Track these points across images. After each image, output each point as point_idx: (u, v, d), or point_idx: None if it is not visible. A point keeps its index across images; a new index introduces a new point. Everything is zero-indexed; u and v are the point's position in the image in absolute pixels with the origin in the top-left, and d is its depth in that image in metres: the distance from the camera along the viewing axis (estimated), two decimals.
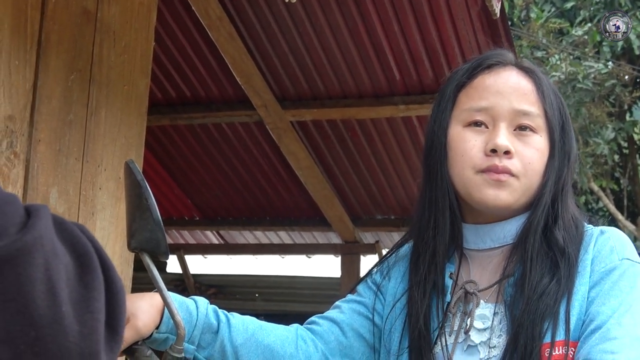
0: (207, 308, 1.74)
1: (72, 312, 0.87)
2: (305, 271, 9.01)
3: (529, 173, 1.72)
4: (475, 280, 1.75)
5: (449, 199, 1.77)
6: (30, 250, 0.85)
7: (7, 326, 0.83)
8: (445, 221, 1.77)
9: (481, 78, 1.79)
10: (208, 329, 1.73)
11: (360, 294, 1.92)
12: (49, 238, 0.88)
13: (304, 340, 1.83)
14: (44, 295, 0.85)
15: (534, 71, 1.80)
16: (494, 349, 1.67)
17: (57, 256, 0.88)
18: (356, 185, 6.91)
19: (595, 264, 1.67)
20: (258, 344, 1.77)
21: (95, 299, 0.90)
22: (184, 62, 5.74)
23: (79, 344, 0.87)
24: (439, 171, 1.78)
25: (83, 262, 0.92)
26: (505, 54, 1.84)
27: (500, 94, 1.75)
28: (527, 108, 1.74)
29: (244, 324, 1.78)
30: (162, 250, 1.47)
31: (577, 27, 13.51)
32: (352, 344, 1.86)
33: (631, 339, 1.55)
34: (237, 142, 6.60)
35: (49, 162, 2.78)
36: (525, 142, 1.73)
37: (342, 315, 1.88)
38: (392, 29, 5.02)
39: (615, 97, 13.51)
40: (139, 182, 1.44)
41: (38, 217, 0.89)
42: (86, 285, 0.90)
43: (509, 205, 1.72)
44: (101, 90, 3.00)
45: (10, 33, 2.65)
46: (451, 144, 1.77)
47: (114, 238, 3.03)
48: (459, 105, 1.80)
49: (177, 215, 7.82)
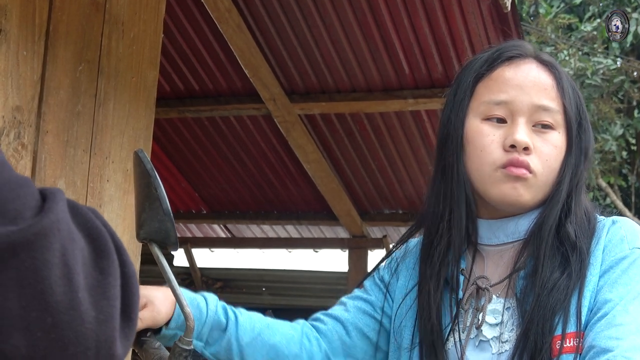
0: (217, 305, 1.74)
1: (88, 298, 0.86)
2: (312, 265, 9.00)
3: (546, 171, 1.70)
4: (488, 276, 1.74)
5: (465, 194, 1.74)
6: (47, 235, 0.84)
7: (23, 313, 0.82)
8: (461, 216, 1.74)
9: (501, 70, 1.76)
10: (217, 326, 1.73)
11: (367, 290, 1.90)
12: (66, 222, 0.87)
13: (308, 339, 1.83)
14: (61, 280, 0.84)
15: (554, 65, 1.78)
16: (505, 343, 1.67)
17: (74, 241, 0.87)
18: (364, 179, 6.89)
19: (606, 253, 1.66)
20: (264, 343, 1.77)
21: (111, 285, 0.89)
22: (192, 55, 5.73)
23: (95, 330, 0.86)
24: (455, 164, 1.75)
25: (98, 246, 0.90)
26: (525, 46, 1.82)
27: (521, 88, 1.73)
28: (547, 103, 1.72)
29: (251, 322, 1.77)
30: (171, 240, 1.45)
31: (586, 23, 13.49)
32: (355, 343, 1.85)
33: (637, 326, 1.55)
34: (245, 136, 6.59)
35: (56, 153, 2.77)
36: (544, 138, 1.71)
37: (347, 314, 1.87)
38: (401, 23, 5.00)
39: (623, 94, 13.49)
40: (148, 171, 1.42)
41: (54, 201, 0.87)
42: (102, 270, 0.89)
43: (526, 201, 1.70)
44: (109, 81, 2.99)
45: (19, 23, 2.63)
46: (469, 137, 1.75)
47: (121, 230, 3.01)
48: (477, 96, 1.77)
49: (184, 208, 7.82)
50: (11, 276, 0.82)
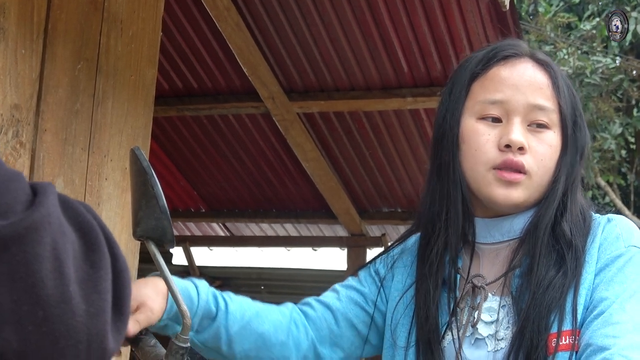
0: (208, 293, 1.75)
1: (79, 292, 0.86)
2: (311, 264, 9.00)
3: (541, 170, 1.71)
4: (484, 274, 1.74)
5: (461, 193, 1.75)
6: (38, 229, 0.84)
7: (14, 307, 0.82)
8: (457, 215, 1.75)
9: (496, 69, 1.76)
10: (207, 315, 1.73)
11: (361, 281, 1.91)
12: (56, 216, 0.87)
13: (296, 325, 1.83)
14: (52, 274, 0.84)
15: (550, 64, 1.78)
16: (501, 341, 1.67)
17: (65, 234, 0.87)
18: (363, 177, 6.89)
19: (601, 251, 1.67)
20: (252, 331, 1.78)
21: (102, 279, 0.89)
22: (191, 53, 5.73)
23: (86, 323, 0.86)
24: (451, 163, 1.76)
25: (89, 240, 0.91)
26: (520, 45, 1.82)
27: (516, 88, 1.73)
28: (543, 103, 1.72)
29: (241, 310, 1.78)
30: (168, 238, 1.46)
31: (585, 22, 13.49)
32: (343, 333, 1.86)
33: (634, 324, 1.55)
34: (243, 134, 6.59)
35: (55, 152, 2.77)
36: (539, 138, 1.72)
37: (338, 303, 1.87)
38: (400, 21, 5.00)
39: (623, 92, 13.48)
40: (144, 169, 1.42)
41: (45, 194, 0.88)
42: (93, 264, 0.89)
43: (519, 203, 1.71)
44: (108, 80, 2.99)
45: (17, 21, 2.63)
46: (464, 136, 1.75)
47: (119, 229, 3.02)
48: (472, 96, 1.77)
49: (182, 206, 7.81)
50: (2, 270, 0.82)
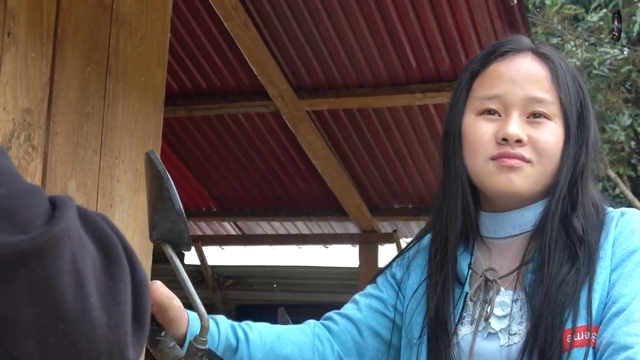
0: (227, 328, 1.73)
1: (99, 304, 0.86)
2: (323, 261, 9.00)
3: (543, 159, 1.70)
4: (496, 268, 1.74)
5: (461, 187, 1.76)
6: (58, 242, 0.84)
7: (35, 320, 0.83)
8: (457, 209, 1.76)
9: (495, 65, 1.77)
10: (228, 348, 1.71)
11: (379, 287, 1.90)
12: (76, 229, 0.87)
13: (320, 341, 1.82)
14: (72, 287, 0.84)
15: (549, 56, 1.77)
16: (514, 335, 1.67)
17: (84, 247, 0.87)
18: (373, 174, 6.89)
19: (616, 247, 1.66)
20: (276, 356, 1.76)
21: (122, 291, 0.89)
22: (199, 54, 5.73)
23: (107, 336, 0.86)
24: (453, 160, 1.77)
25: (108, 252, 0.91)
26: (521, 40, 1.82)
27: (513, 82, 1.73)
28: (540, 95, 1.72)
29: (261, 337, 1.76)
30: (184, 241, 1.46)
31: (592, 13, 13.44)
32: (367, 343, 1.85)
33: None
34: (253, 133, 6.59)
35: (66, 154, 2.78)
36: (539, 128, 1.71)
37: (359, 314, 1.86)
38: (408, 17, 5.00)
39: (631, 83, 13.43)
40: (160, 172, 1.42)
41: (64, 208, 0.88)
42: (112, 276, 0.89)
43: (522, 191, 1.70)
44: (118, 82, 3.00)
45: (27, 26, 2.64)
46: (465, 132, 1.76)
47: (132, 230, 3.02)
48: (472, 93, 1.79)
49: (194, 206, 7.82)
50: (22, 284, 0.82)
